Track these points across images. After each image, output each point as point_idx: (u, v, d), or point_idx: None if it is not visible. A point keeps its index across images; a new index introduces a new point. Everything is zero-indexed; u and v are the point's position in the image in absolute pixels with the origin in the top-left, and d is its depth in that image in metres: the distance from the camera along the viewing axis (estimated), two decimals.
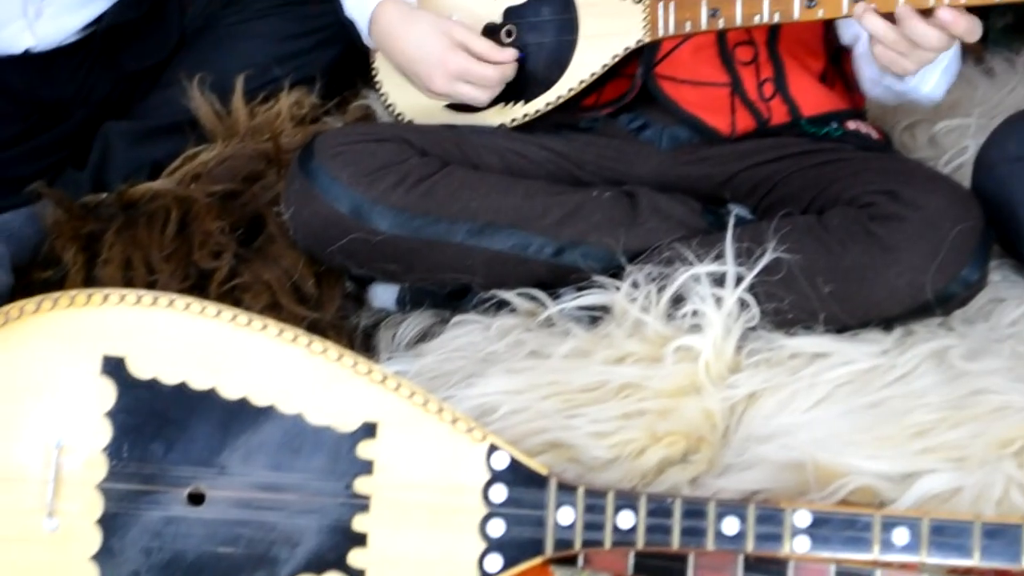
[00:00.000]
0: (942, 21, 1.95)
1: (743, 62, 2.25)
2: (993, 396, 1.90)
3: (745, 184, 2.21)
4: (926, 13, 1.96)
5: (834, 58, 2.30)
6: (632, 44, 2.21)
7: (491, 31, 2.29)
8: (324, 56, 2.59)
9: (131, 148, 2.47)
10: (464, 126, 2.28)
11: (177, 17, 2.59)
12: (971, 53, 2.74)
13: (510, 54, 2.24)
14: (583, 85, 2.24)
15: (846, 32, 2.27)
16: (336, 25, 2.43)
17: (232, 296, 2.22)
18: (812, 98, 2.26)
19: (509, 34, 2.29)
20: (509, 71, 2.24)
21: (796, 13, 2.07)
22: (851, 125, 2.27)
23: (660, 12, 2.17)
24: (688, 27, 2.15)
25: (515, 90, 2.27)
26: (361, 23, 2.34)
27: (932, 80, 2.18)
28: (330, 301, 2.24)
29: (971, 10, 1.96)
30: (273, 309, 2.20)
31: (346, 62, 2.59)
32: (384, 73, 2.37)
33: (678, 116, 2.25)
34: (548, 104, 2.26)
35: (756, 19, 2.10)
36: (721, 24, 2.12)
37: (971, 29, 1.95)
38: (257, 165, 2.37)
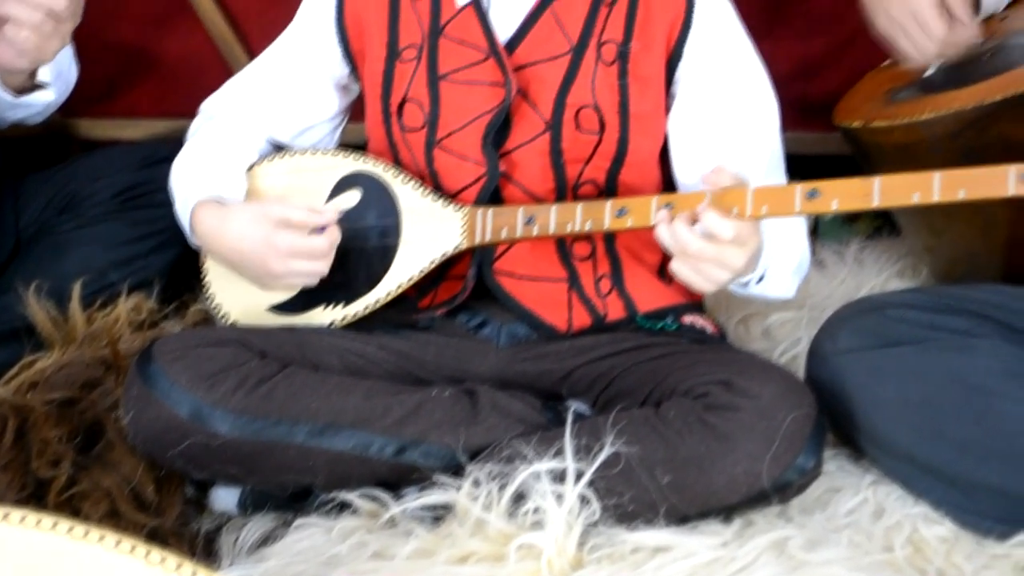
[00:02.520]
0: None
1: (580, 257, 2.29)
2: None
3: (583, 379, 2.24)
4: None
5: None
6: (450, 250, 2.25)
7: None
8: (161, 259, 2.60)
9: None
10: (303, 328, 2.29)
11: (12, 224, 2.59)
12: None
13: (331, 213, 2.25)
14: (401, 289, 2.28)
15: None
16: (173, 228, 2.43)
17: (71, 505, 2.18)
18: (648, 294, 2.30)
19: None
20: (336, 234, 2.25)
21: (607, 222, 2.14)
22: (687, 319, 2.31)
23: (478, 219, 2.22)
24: (504, 234, 2.21)
25: (339, 291, 2.29)
26: (185, 227, 2.34)
27: (780, 284, 2.23)
28: (171, 507, 2.21)
29: None
30: (113, 517, 2.16)
31: (184, 265, 2.59)
32: (212, 275, 2.37)
33: (516, 312, 2.28)
34: (367, 307, 2.29)
35: (569, 227, 2.16)
36: (536, 231, 2.18)
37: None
38: (95, 371, 2.35)
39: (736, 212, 2.01)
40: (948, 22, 2.37)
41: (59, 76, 2.54)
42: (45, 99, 2.52)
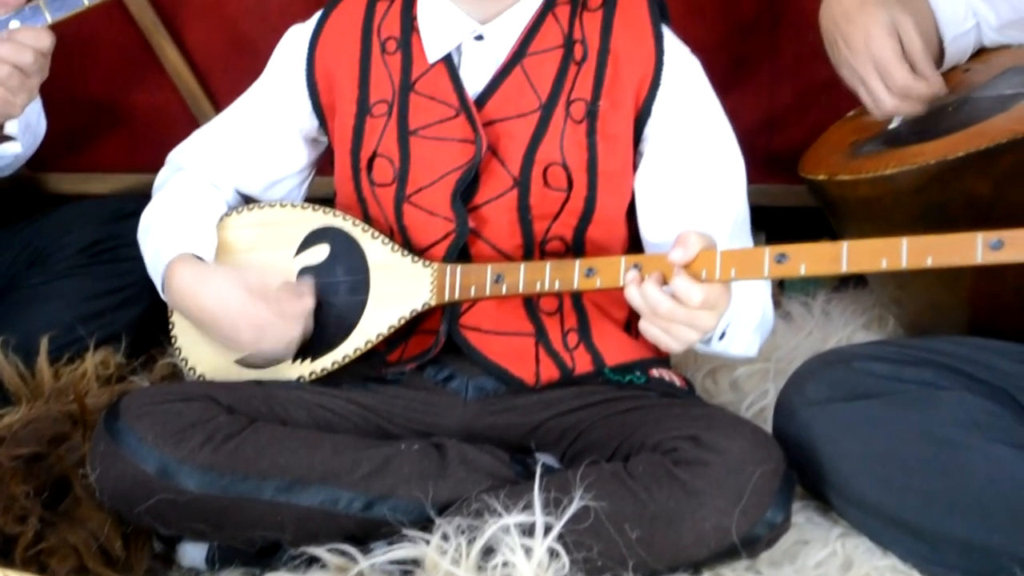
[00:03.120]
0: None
1: (547, 312, 2.29)
2: None
3: (551, 433, 2.24)
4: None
5: None
6: (419, 307, 2.25)
7: None
8: (129, 314, 2.60)
9: None
10: (271, 382, 2.28)
11: None
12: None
13: (307, 301, 2.26)
14: (369, 345, 2.28)
15: None
16: (141, 282, 2.43)
17: (38, 561, 2.17)
18: (615, 347, 2.31)
19: None
20: (309, 317, 2.26)
21: (576, 282, 2.15)
22: (654, 372, 2.32)
23: (447, 276, 2.23)
24: (473, 292, 2.22)
25: (307, 346, 2.29)
26: (156, 281, 2.33)
27: (742, 342, 2.24)
28: (138, 562, 2.21)
29: None
30: (80, 573, 2.16)
31: (151, 319, 2.58)
32: (180, 329, 2.37)
33: (483, 366, 2.28)
34: (335, 363, 2.29)
35: (538, 286, 2.17)
36: (504, 290, 2.19)
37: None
38: (63, 427, 2.34)
39: (705, 275, 2.02)
40: (911, 75, 2.39)
41: (27, 129, 2.55)
42: (12, 151, 2.53)
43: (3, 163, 2.55)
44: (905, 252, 1.95)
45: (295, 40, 2.39)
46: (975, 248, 1.91)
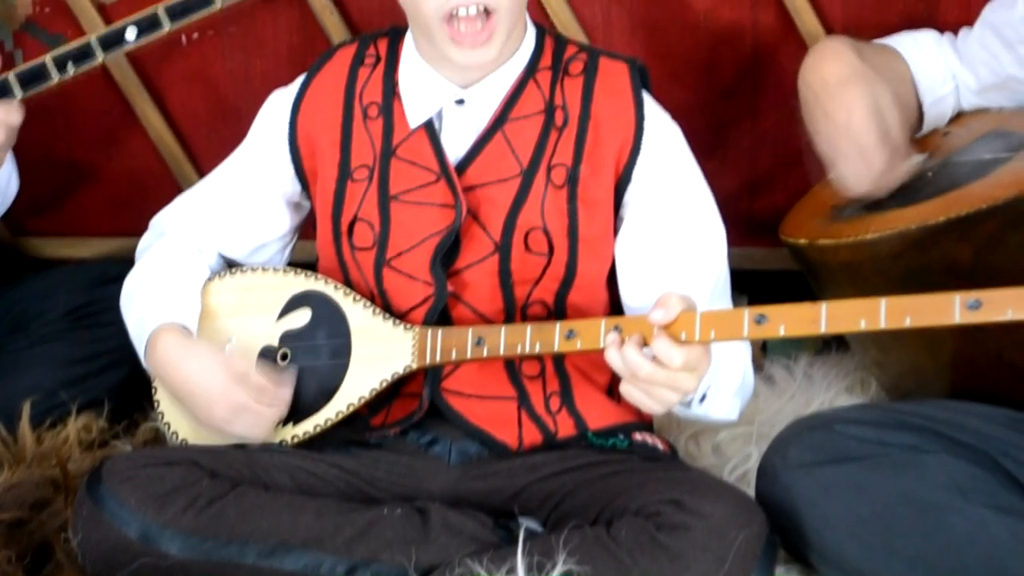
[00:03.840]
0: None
1: (529, 376, 2.29)
2: None
3: (535, 497, 2.24)
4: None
5: None
6: (400, 370, 2.26)
7: (267, 354, 2.32)
8: (111, 379, 2.60)
9: None
10: (254, 446, 2.28)
11: None
12: (751, 362, 2.83)
13: (285, 393, 2.27)
14: (352, 409, 2.28)
15: None
16: (123, 347, 2.43)
17: None
18: (598, 411, 2.31)
19: (284, 357, 2.32)
20: (284, 408, 2.27)
21: (556, 344, 2.15)
22: (637, 436, 2.31)
23: (428, 340, 2.24)
24: (454, 354, 2.22)
25: (290, 410, 2.29)
26: (139, 348, 2.34)
27: (723, 406, 2.24)
28: None
29: None
30: None
31: (134, 383, 2.58)
32: (163, 394, 2.37)
33: (466, 430, 2.28)
34: (318, 427, 2.29)
35: (519, 349, 2.17)
36: (485, 353, 2.19)
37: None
38: (45, 492, 2.34)
39: (685, 336, 2.03)
40: (890, 159, 2.40)
41: None
42: None
43: None
44: (884, 313, 1.96)
45: (278, 104, 2.40)
46: (953, 308, 1.92)
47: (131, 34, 2.62)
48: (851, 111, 2.40)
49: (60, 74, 2.58)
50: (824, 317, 1.99)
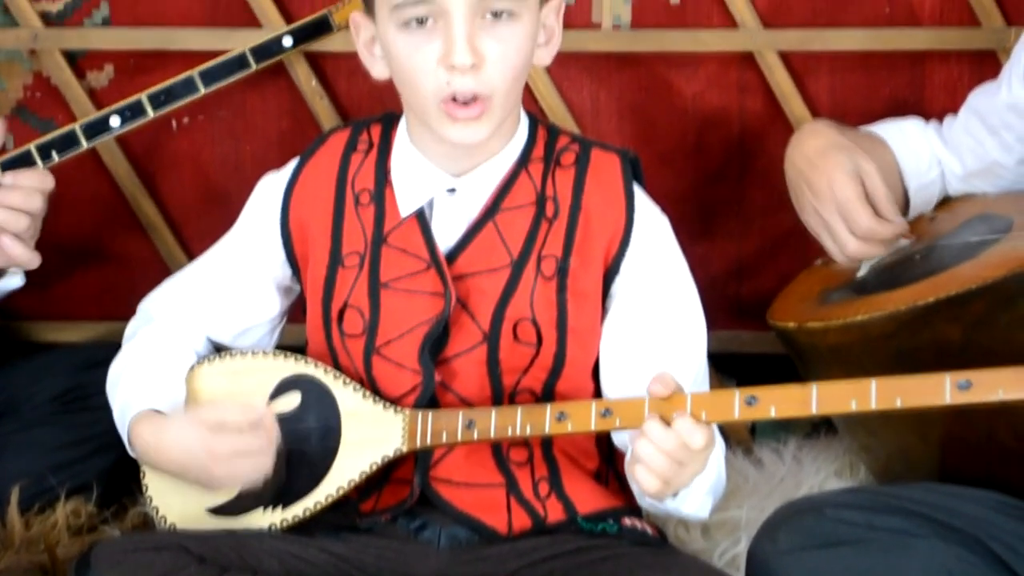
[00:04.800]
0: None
1: (517, 463, 2.29)
2: None
3: None
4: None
5: (608, 458, 2.36)
6: (391, 453, 2.25)
7: None
8: (100, 463, 2.59)
9: None
10: (243, 531, 2.27)
11: None
12: (740, 445, 2.84)
13: (267, 422, 2.25)
14: (341, 492, 2.27)
15: (616, 437, 2.32)
16: (111, 432, 2.41)
17: None
18: (587, 496, 2.30)
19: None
20: (273, 427, 2.25)
21: (547, 427, 2.15)
22: (627, 521, 2.31)
23: (419, 422, 2.23)
24: (444, 437, 2.22)
25: (279, 494, 2.28)
26: (124, 436, 2.33)
27: (695, 502, 2.22)
28: None
29: None
30: None
31: (123, 468, 2.56)
32: (151, 478, 2.36)
33: (455, 517, 2.27)
34: (307, 511, 2.28)
35: (509, 431, 2.17)
36: (476, 435, 2.19)
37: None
38: None
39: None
40: (874, 218, 2.43)
41: None
42: (14, 285, 2.59)
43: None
44: (874, 393, 1.96)
45: (270, 189, 2.41)
46: (944, 389, 1.93)
47: (115, 122, 2.65)
48: (832, 176, 2.43)
49: (45, 162, 2.60)
50: (815, 398, 2.00)
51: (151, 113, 2.63)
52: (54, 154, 2.60)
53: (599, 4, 2.88)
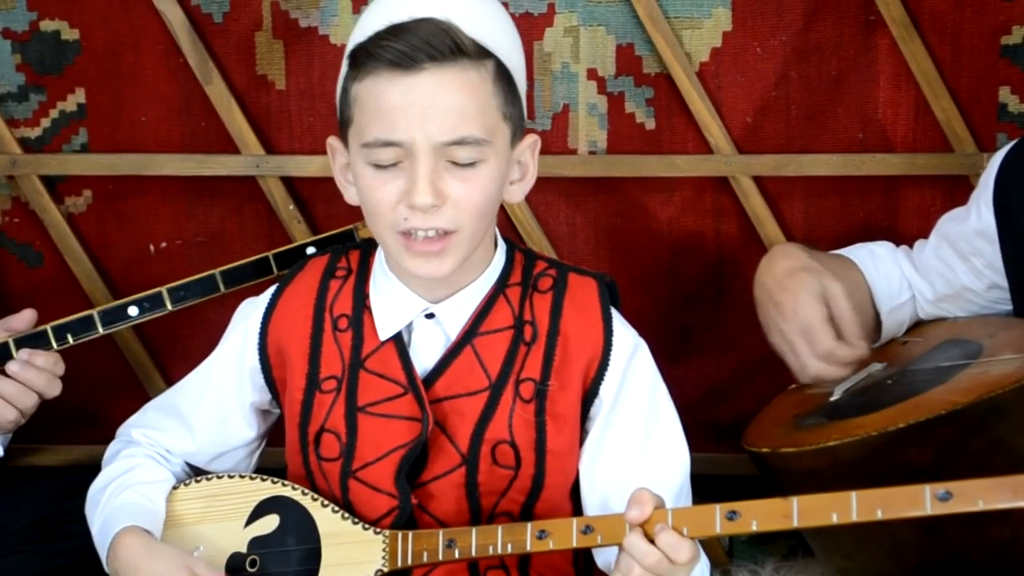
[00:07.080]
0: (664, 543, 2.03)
1: None
2: None
3: None
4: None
5: None
6: (372, 574, 2.24)
7: (236, 561, 2.31)
8: None
9: None
10: None
11: None
12: (717, 566, 2.83)
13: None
14: None
15: (599, 557, 2.32)
16: (87, 559, 2.38)
17: None
18: None
19: (253, 564, 2.31)
20: None
21: (528, 544, 2.15)
22: None
23: (399, 542, 2.23)
24: (425, 557, 2.21)
25: None
26: (102, 553, 2.31)
27: None
28: None
29: None
30: None
31: None
32: None
33: None
34: None
35: (491, 549, 2.17)
36: (457, 554, 2.19)
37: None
38: None
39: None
40: (835, 340, 2.45)
41: None
42: None
43: None
44: (855, 505, 1.97)
45: (249, 314, 2.42)
46: (924, 499, 1.94)
47: (133, 311, 2.62)
48: (798, 297, 2.46)
49: (59, 343, 2.59)
50: (796, 511, 2.01)
51: (169, 307, 2.63)
52: (69, 337, 2.60)
53: (575, 129, 2.91)
